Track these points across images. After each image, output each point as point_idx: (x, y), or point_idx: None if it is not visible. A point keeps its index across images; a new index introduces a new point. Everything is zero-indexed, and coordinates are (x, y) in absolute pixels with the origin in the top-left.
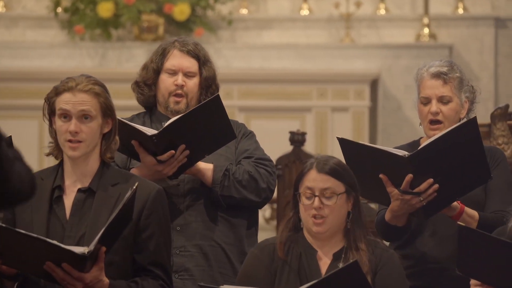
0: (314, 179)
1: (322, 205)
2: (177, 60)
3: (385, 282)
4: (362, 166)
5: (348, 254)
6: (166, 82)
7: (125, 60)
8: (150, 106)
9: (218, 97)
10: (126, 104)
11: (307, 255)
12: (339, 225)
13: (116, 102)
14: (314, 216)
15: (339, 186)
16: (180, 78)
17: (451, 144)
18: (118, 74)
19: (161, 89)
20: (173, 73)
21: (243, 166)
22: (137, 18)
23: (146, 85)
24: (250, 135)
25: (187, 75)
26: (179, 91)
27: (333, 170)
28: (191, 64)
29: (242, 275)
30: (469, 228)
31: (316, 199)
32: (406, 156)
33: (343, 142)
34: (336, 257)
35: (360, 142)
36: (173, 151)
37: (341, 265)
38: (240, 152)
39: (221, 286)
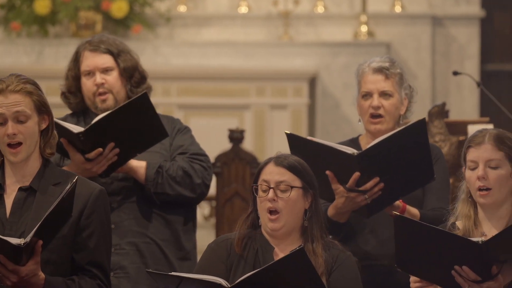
0: (270, 172)
1: (276, 197)
2: (90, 60)
3: (339, 283)
4: (308, 162)
5: None
6: (86, 84)
7: (62, 57)
8: (84, 109)
9: (145, 95)
10: (62, 102)
11: (263, 251)
12: (295, 223)
13: (52, 99)
14: (269, 211)
15: (295, 181)
16: (98, 77)
17: (399, 144)
18: (55, 71)
19: (85, 92)
20: (90, 74)
21: (177, 162)
22: (74, 15)
23: (71, 93)
24: (185, 130)
25: (105, 71)
26: (102, 89)
27: (291, 165)
28: (104, 60)
29: (199, 268)
30: (405, 218)
31: (271, 191)
32: (355, 154)
33: (290, 137)
34: None
35: (309, 137)
36: (100, 149)
37: None
38: (174, 148)
39: (169, 273)
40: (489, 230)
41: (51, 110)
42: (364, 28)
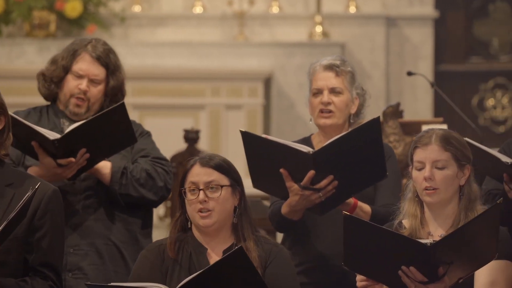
0: (197, 174)
1: (207, 198)
2: (86, 65)
3: (275, 276)
4: (262, 160)
5: None
6: (70, 83)
7: (16, 57)
8: (50, 99)
9: (123, 105)
10: (17, 102)
11: (197, 254)
12: (226, 219)
13: (6, 99)
14: (201, 210)
15: (223, 179)
16: (84, 84)
17: (354, 142)
18: (9, 71)
19: (64, 88)
20: (80, 76)
21: (140, 164)
22: (28, 14)
23: (53, 82)
24: (147, 135)
25: (93, 81)
26: (81, 96)
27: (217, 165)
28: (98, 72)
29: (133, 277)
30: (354, 217)
31: (201, 192)
32: (310, 152)
33: (245, 135)
34: (226, 253)
35: (263, 136)
36: (72, 159)
37: None
38: (136, 151)
39: (109, 284)
40: (435, 229)
41: (7, 111)
42: (319, 29)
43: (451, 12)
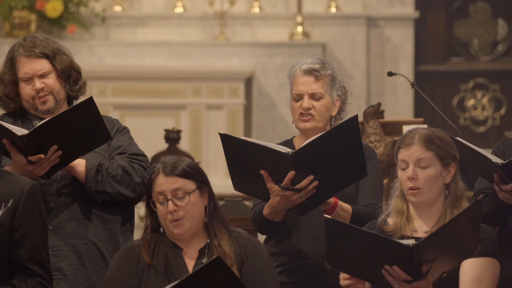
0: (162, 184)
1: (177, 207)
2: (26, 66)
3: (253, 271)
4: (242, 162)
5: (211, 248)
6: (25, 89)
7: None
8: (21, 110)
9: (91, 100)
10: None
11: (173, 254)
12: (199, 223)
13: None
14: (172, 220)
15: (189, 185)
16: (37, 83)
17: (333, 141)
18: None
19: (23, 96)
20: (28, 79)
21: (117, 161)
22: (8, 14)
23: (9, 98)
24: (124, 131)
25: (42, 76)
26: (42, 93)
27: (181, 171)
28: (41, 65)
29: (110, 278)
30: (336, 220)
31: (170, 202)
32: (290, 153)
33: (224, 138)
34: (201, 253)
35: (242, 137)
36: (42, 155)
37: (205, 261)
38: (113, 149)
39: None
40: (419, 226)
41: None
42: (299, 29)
43: (431, 13)
